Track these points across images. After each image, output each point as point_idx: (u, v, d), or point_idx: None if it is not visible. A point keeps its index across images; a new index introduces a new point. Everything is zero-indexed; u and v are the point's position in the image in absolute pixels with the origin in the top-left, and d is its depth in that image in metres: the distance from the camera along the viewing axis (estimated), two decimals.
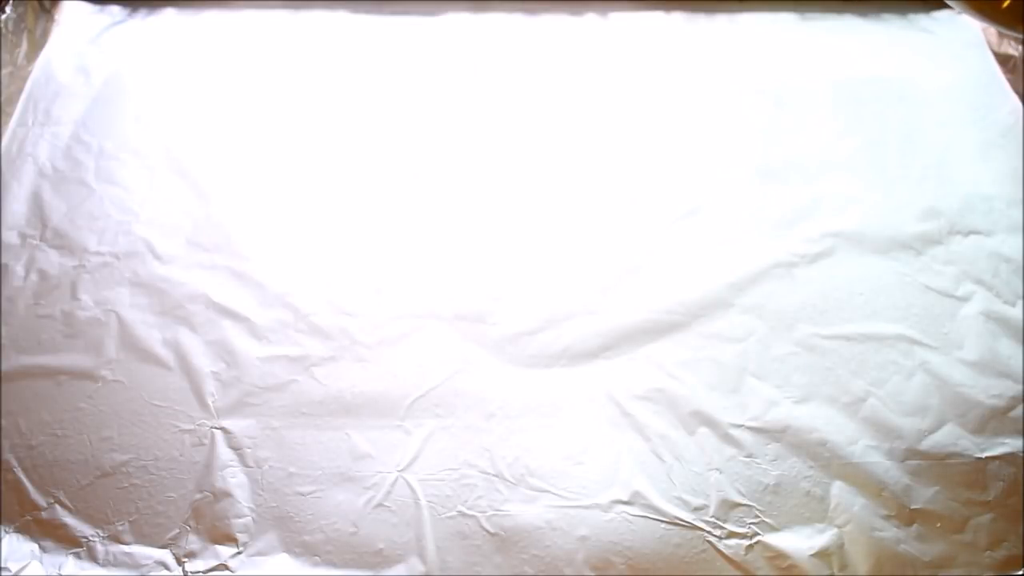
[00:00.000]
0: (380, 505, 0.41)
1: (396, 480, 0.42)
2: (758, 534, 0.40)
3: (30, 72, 0.58)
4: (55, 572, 0.39)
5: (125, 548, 0.40)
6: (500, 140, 0.55)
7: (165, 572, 0.39)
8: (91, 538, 0.40)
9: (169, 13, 0.62)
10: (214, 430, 0.43)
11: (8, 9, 0.57)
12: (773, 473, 0.42)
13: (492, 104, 0.57)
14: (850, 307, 0.48)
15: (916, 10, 0.63)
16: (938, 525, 0.41)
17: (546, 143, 0.55)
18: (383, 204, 0.52)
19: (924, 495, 0.41)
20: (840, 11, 0.62)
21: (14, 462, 0.42)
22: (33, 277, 0.48)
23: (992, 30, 0.61)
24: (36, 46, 0.59)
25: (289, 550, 0.40)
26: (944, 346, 0.46)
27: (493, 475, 0.42)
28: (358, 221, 0.51)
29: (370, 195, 0.52)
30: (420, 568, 0.39)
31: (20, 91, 0.57)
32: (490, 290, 0.48)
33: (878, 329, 0.47)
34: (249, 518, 0.41)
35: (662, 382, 0.45)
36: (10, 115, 0.56)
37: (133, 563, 0.40)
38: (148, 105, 0.56)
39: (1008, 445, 0.43)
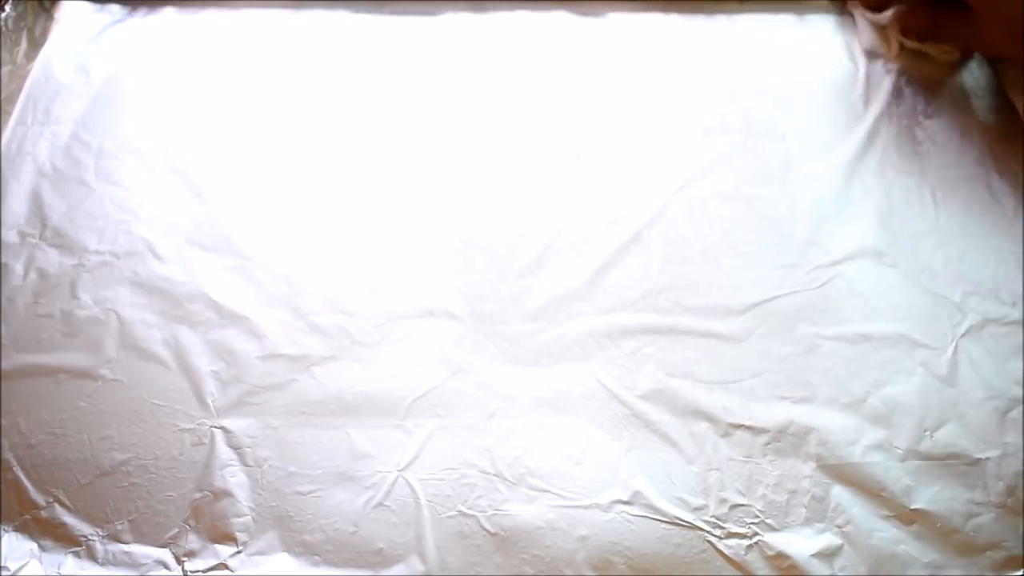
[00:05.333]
0: (380, 505, 0.41)
1: (396, 480, 0.42)
2: (758, 534, 0.40)
3: (30, 71, 0.58)
4: (55, 571, 0.39)
5: (125, 547, 0.40)
6: (500, 140, 0.55)
7: (165, 571, 0.39)
8: (90, 537, 0.40)
9: (169, 13, 0.62)
10: (214, 429, 0.43)
11: (8, 8, 0.57)
12: (773, 473, 0.42)
13: (491, 104, 0.57)
14: (850, 307, 0.48)
15: None
16: (938, 525, 0.41)
17: (546, 143, 0.55)
18: (384, 204, 0.52)
19: (924, 495, 0.41)
20: (840, 11, 0.62)
21: (13, 461, 0.42)
22: (33, 276, 0.48)
23: None
24: (36, 45, 0.59)
25: (289, 549, 0.40)
26: (944, 346, 0.46)
27: (493, 475, 0.42)
28: (359, 221, 0.51)
29: (371, 194, 0.52)
30: (420, 568, 0.39)
31: (20, 90, 0.57)
32: (490, 290, 0.48)
33: (878, 329, 0.47)
34: (249, 517, 0.41)
35: (662, 382, 0.45)
36: (10, 114, 0.56)
37: (133, 562, 0.40)
38: (148, 105, 0.56)
39: (1008, 445, 0.43)
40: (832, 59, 0.60)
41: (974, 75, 0.58)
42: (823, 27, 0.62)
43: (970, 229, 0.51)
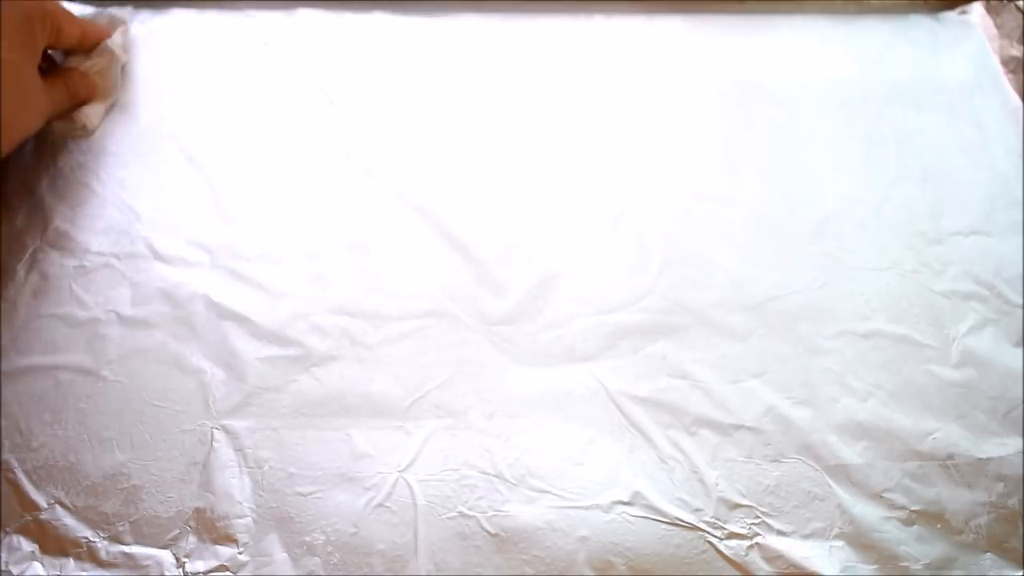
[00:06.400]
0: (380, 506, 0.41)
1: (396, 480, 0.42)
2: (758, 535, 0.40)
3: None
4: (56, 573, 0.39)
5: (125, 548, 0.40)
6: (499, 140, 0.55)
7: (165, 572, 0.39)
8: (91, 538, 0.40)
9: (171, 13, 0.62)
10: (214, 430, 0.43)
11: None
12: (773, 473, 0.42)
13: (492, 105, 0.57)
14: (850, 307, 0.48)
15: (917, 10, 0.63)
16: (938, 526, 0.41)
17: (546, 144, 0.55)
18: (384, 204, 0.52)
19: (924, 495, 0.41)
20: (840, 11, 0.62)
21: (14, 462, 0.42)
22: (34, 277, 0.48)
23: (993, 31, 0.61)
24: None
25: (289, 551, 0.40)
26: (944, 346, 0.46)
27: (493, 476, 0.42)
28: (359, 221, 0.51)
29: (370, 195, 0.52)
30: (420, 569, 0.39)
31: None
32: (491, 290, 0.48)
33: (878, 329, 0.47)
34: (249, 518, 0.41)
35: (663, 382, 0.45)
36: None
37: (133, 563, 0.40)
38: (148, 106, 0.56)
39: (1008, 445, 0.43)
40: (832, 58, 0.60)
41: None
42: (823, 27, 0.62)
43: (972, 228, 0.51)
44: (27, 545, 0.40)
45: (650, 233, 0.51)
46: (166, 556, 0.40)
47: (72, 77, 0.52)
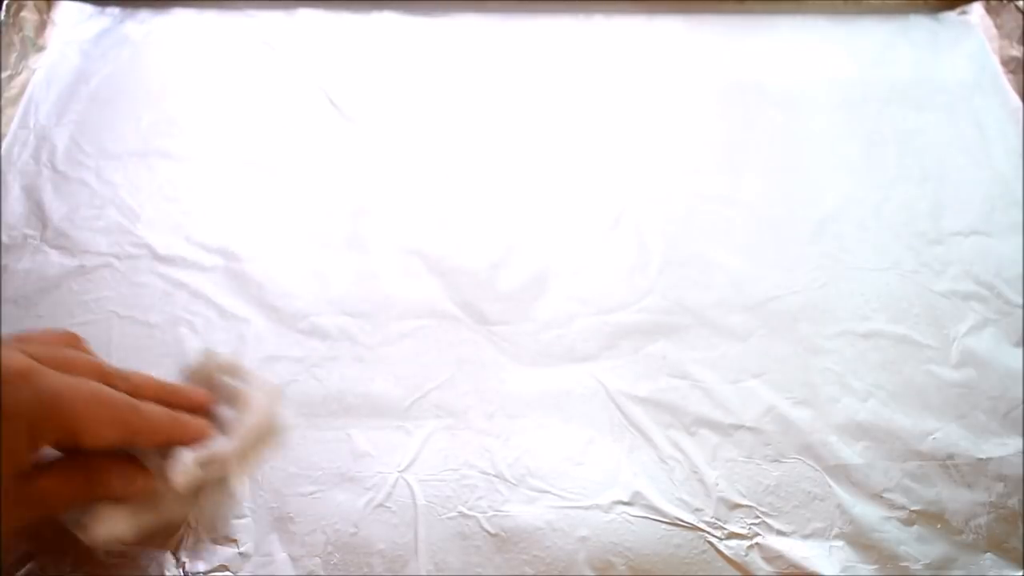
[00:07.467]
0: (380, 506, 0.41)
1: (396, 480, 0.42)
2: (758, 535, 0.40)
3: (30, 74, 0.58)
4: (56, 573, 0.39)
5: (125, 548, 0.40)
6: (499, 141, 0.55)
7: (165, 572, 0.39)
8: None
9: (170, 13, 0.62)
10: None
11: (6, 11, 0.57)
12: (773, 474, 0.42)
13: (492, 105, 0.57)
14: (850, 307, 0.48)
15: (917, 11, 0.63)
16: (938, 526, 0.41)
17: (546, 144, 0.55)
18: (382, 204, 0.52)
19: (924, 496, 0.41)
20: (839, 11, 0.62)
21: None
22: (33, 278, 0.48)
23: (993, 31, 0.61)
24: (35, 48, 0.59)
25: (289, 551, 0.40)
26: (944, 346, 0.46)
27: (493, 475, 0.42)
28: (357, 220, 0.51)
29: (368, 195, 0.52)
30: (420, 569, 0.39)
31: (20, 93, 0.57)
32: (491, 290, 0.48)
33: (878, 329, 0.47)
34: (249, 518, 0.41)
35: (663, 382, 0.45)
36: (11, 117, 0.56)
37: (133, 563, 0.40)
38: (148, 106, 0.56)
39: (1008, 445, 0.43)
40: (832, 58, 0.60)
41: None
42: (823, 27, 0.62)
43: (972, 228, 0.51)
44: (27, 545, 0.40)
45: (650, 233, 0.51)
46: (166, 556, 0.40)
47: (101, 469, 0.34)
